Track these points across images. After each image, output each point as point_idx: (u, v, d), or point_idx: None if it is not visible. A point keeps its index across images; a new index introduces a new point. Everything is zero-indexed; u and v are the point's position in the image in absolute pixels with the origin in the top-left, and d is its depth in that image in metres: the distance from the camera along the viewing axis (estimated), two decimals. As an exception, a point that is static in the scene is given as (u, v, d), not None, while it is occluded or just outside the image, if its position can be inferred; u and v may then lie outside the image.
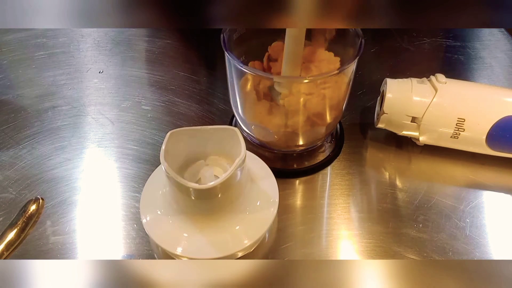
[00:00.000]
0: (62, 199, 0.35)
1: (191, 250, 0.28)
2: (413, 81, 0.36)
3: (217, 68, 0.47)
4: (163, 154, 0.27)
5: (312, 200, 0.35)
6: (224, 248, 0.28)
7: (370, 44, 0.50)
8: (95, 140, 0.40)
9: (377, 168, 0.38)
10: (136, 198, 0.35)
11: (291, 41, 0.30)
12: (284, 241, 0.32)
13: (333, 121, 0.35)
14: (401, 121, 0.36)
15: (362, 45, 0.31)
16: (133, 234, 0.32)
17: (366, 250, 0.32)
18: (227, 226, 0.28)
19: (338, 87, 0.33)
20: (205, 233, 0.28)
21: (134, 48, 0.50)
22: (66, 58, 0.49)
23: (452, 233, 0.33)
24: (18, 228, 0.27)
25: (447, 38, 0.52)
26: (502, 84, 0.46)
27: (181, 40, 0.52)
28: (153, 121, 0.42)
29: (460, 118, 0.34)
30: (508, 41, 0.51)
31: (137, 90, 0.45)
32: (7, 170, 0.37)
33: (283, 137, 0.35)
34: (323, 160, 0.38)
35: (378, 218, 0.34)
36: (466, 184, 0.36)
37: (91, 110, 0.43)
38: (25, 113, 0.42)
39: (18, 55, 0.49)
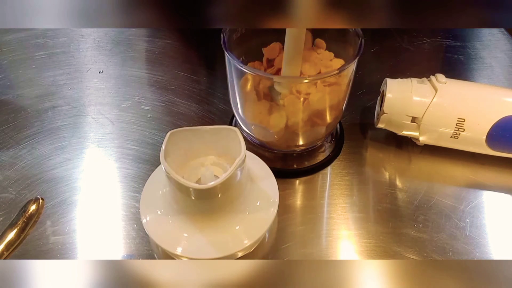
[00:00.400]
0: (62, 199, 0.35)
1: (191, 250, 0.28)
2: (413, 81, 0.36)
3: (217, 68, 0.47)
4: (163, 154, 0.27)
5: (312, 200, 0.35)
6: (224, 248, 0.28)
7: (370, 44, 0.50)
8: (95, 140, 0.40)
9: (377, 168, 0.38)
10: (136, 198, 0.35)
11: (291, 41, 0.30)
12: (284, 241, 0.32)
13: (333, 121, 0.35)
14: (401, 121, 0.36)
15: (362, 45, 0.31)
16: (133, 234, 0.32)
17: (366, 250, 0.32)
18: (227, 226, 0.28)
19: (338, 87, 0.33)
20: (205, 233, 0.28)
21: (134, 48, 0.50)
22: (66, 58, 0.49)
23: (452, 233, 0.33)
24: (18, 228, 0.27)
25: (447, 38, 0.52)
26: (502, 84, 0.46)
27: (181, 40, 0.52)
28: (153, 121, 0.42)
29: (460, 118, 0.34)
30: (508, 41, 0.51)
31: (137, 90, 0.45)
32: (7, 170, 0.37)
33: (283, 137, 0.35)
34: (323, 160, 0.38)
35: (378, 218, 0.34)
36: (466, 184, 0.36)
37: (91, 110, 0.43)
38: (25, 113, 0.42)
39: (18, 55, 0.49)
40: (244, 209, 0.29)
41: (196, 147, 0.30)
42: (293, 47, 0.30)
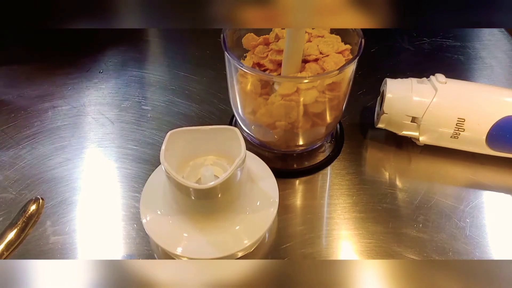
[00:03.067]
0: (62, 199, 0.35)
1: (191, 250, 0.28)
2: (413, 81, 0.36)
3: (217, 68, 0.47)
4: (163, 154, 0.27)
5: (312, 200, 0.35)
6: (224, 248, 0.28)
7: (370, 44, 0.50)
8: (95, 140, 0.40)
9: (377, 168, 0.38)
10: (136, 198, 0.35)
11: (291, 41, 0.30)
12: (284, 241, 0.32)
13: (333, 121, 0.35)
14: (401, 121, 0.36)
15: (362, 45, 0.31)
16: (133, 234, 0.32)
17: (366, 250, 0.32)
18: (227, 226, 0.28)
19: (338, 87, 0.33)
20: (205, 233, 0.28)
21: (134, 48, 0.50)
22: (66, 58, 0.49)
23: (452, 233, 0.33)
24: (18, 228, 0.27)
25: (447, 38, 0.52)
26: (502, 84, 0.46)
27: (180, 40, 0.52)
28: (153, 121, 0.42)
29: (460, 118, 0.34)
30: (508, 41, 0.51)
31: (137, 90, 0.45)
32: (7, 170, 0.37)
33: (283, 137, 0.35)
34: (323, 160, 0.38)
35: (378, 218, 0.34)
36: (466, 184, 0.36)
37: (91, 110, 0.43)
38: (25, 113, 0.42)
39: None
40: (244, 209, 0.29)
41: (196, 147, 0.30)
42: (293, 47, 0.30)
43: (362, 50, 0.31)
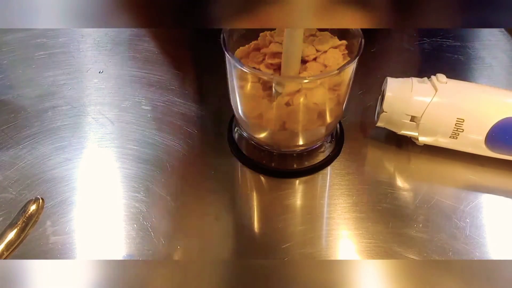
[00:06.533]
0: (62, 199, 0.35)
1: None
2: (414, 80, 0.36)
3: (217, 68, 0.47)
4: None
5: (312, 200, 0.35)
6: None
7: (370, 44, 0.50)
8: (95, 140, 0.40)
9: (377, 168, 0.38)
10: (136, 198, 0.35)
11: (290, 41, 0.30)
12: (284, 241, 0.32)
13: (333, 121, 0.35)
14: (400, 120, 0.36)
15: (362, 45, 0.31)
16: (133, 234, 0.32)
17: (366, 250, 0.32)
18: None
19: (338, 87, 0.33)
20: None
21: (134, 48, 0.50)
22: (66, 58, 0.49)
23: (452, 233, 0.33)
24: (18, 228, 0.27)
25: (447, 38, 0.52)
26: (502, 84, 0.46)
27: (180, 39, 0.52)
28: (153, 121, 0.42)
29: (459, 118, 0.34)
30: (508, 41, 0.51)
31: (137, 90, 0.45)
32: (7, 170, 0.37)
33: (283, 137, 0.35)
34: (323, 160, 0.37)
35: (378, 218, 0.34)
36: (466, 184, 0.36)
37: (91, 110, 0.43)
38: (25, 113, 0.42)
39: (18, 55, 0.49)
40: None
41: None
42: (293, 47, 0.30)
43: (362, 50, 0.31)
